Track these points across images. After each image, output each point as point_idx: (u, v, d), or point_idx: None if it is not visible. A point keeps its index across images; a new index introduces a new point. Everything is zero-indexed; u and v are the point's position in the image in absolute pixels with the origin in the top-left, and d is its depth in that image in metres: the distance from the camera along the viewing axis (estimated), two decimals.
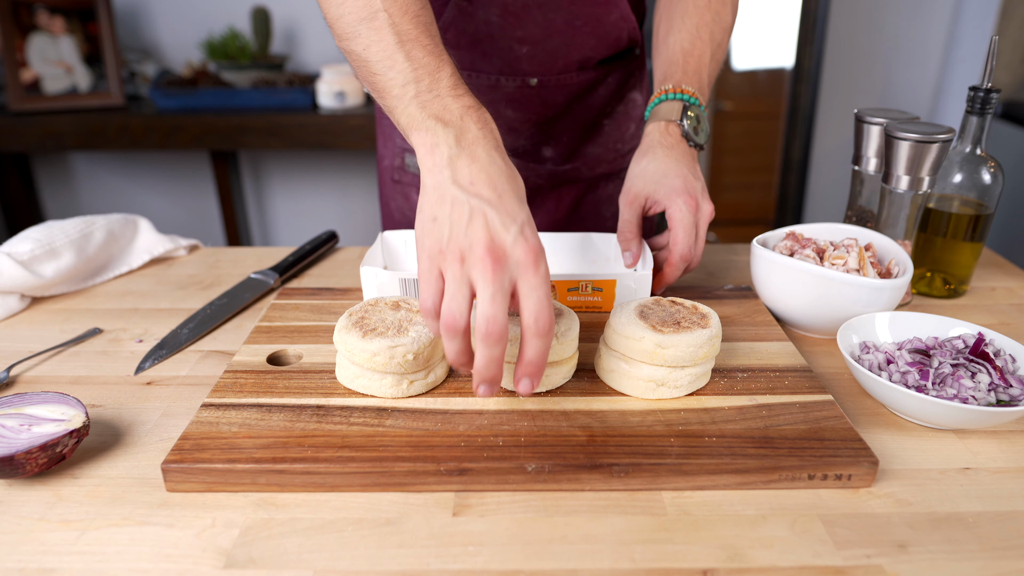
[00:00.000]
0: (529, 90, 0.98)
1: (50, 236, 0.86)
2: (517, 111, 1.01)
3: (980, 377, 0.62)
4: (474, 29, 0.94)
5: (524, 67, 0.96)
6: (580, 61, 0.97)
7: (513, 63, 0.96)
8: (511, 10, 0.91)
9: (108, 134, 2.15)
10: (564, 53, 0.95)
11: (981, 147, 0.83)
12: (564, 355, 0.63)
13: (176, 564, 0.48)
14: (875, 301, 0.72)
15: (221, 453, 0.54)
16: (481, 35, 0.94)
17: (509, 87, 0.98)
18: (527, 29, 0.93)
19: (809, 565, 0.48)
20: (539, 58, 0.95)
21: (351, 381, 0.63)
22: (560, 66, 0.97)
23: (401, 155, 1.10)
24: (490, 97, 1.00)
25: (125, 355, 0.74)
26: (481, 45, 0.95)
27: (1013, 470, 0.57)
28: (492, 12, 0.92)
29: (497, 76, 0.98)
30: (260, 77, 2.26)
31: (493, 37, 0.94)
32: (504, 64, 0.96)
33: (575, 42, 0.95)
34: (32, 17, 2.14)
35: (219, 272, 0.95)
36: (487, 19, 0.92)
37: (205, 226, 2.74)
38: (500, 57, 0.96)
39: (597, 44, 0.96)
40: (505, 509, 0.53)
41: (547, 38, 0.93)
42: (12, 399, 0.58)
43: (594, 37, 0.95)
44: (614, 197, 1.11)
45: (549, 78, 0.97)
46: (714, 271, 0.96)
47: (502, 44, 0.94)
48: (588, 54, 0.96)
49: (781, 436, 0.57)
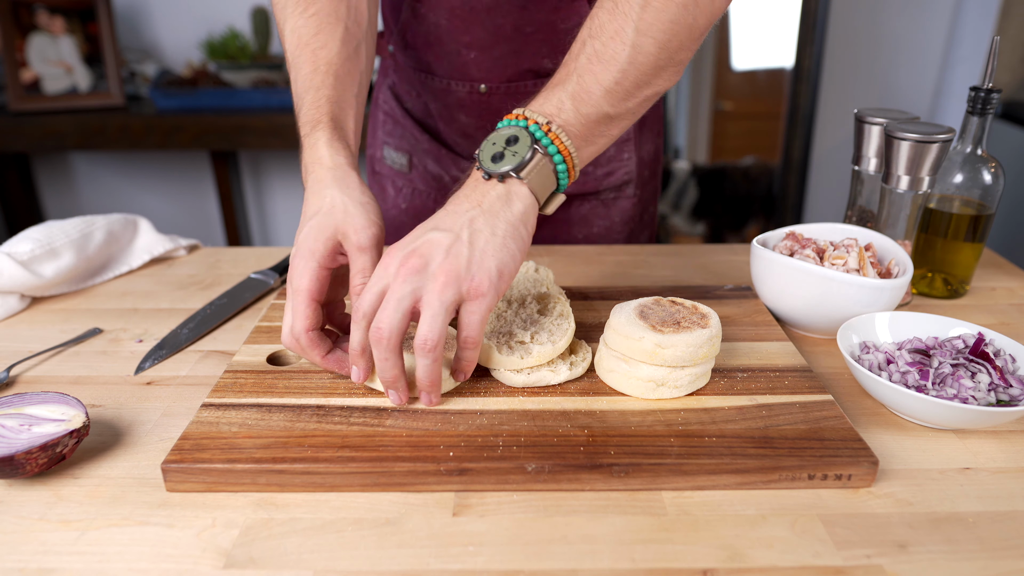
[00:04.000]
0: (479, 96, 0.94)
1: (50, 236, 0.86)
2: (469, 117, 0.98)
3: (980, 377, 0.62)
4: (425, 31, 0.92)
5: (473, 73, 0.93)
6: (532, 70, 0.92)
7: (462, 68, 0.93)
8: (457, 13, 0.88)
9: (108, 134, 2.15)
10: (512, 60, 0.91)
11: (982, 147, 0.83)
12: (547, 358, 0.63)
13: (176, 564, 0.48)
14: (875, 301, 0.72)
15: (221, 453, 0.54)
16: (431, 38, 0.92)
17: (460, 92, 0.95)
18: (473, 34, 0.89)
19: (809, 565, 0.48)
20: (486, 64, 0.91)
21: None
22: (509, 74, 0.92)
23: (381, 147, 1.10)
24: (444, 101, 0.98)
25: (125, 355, 0.74)
26: (433, 48, 0.93)
27: (1013, 470, 0.57)
28: (440, 15, 0.89)
29: (448, 80, 0.95)
30: (260, 77, 2.26)
31: (442, 41, 0.91)
32: (453, 68, 0.93)
33: (525, 49, 0.90)
34: (32, 17, 2.14)
35: (219, 272, 0.95)
36: (436, 22, 0.90)
37: (205, 226, 2.74)
38: (450, 62, 0.93)
39: (550, 52, 0.91)
40: (505, 509, 0.53)
41: (494, 44, 0.89)
42: (12, 399, 0.58)
43: (546, 45, 0.90)
44: (589, 217, 1.07)
45: (498, 85, 0.93)
46: (714, 271, 0.96)
47: (450, 48, 0.91)
48: (539, 63, 0.92)
49: (781, 436, 0.57)
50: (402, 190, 1.09)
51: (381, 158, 1.11)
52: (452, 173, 1.05)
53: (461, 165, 1.04)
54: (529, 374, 0.63)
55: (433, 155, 1.04)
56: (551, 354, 0.63)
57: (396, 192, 1.10)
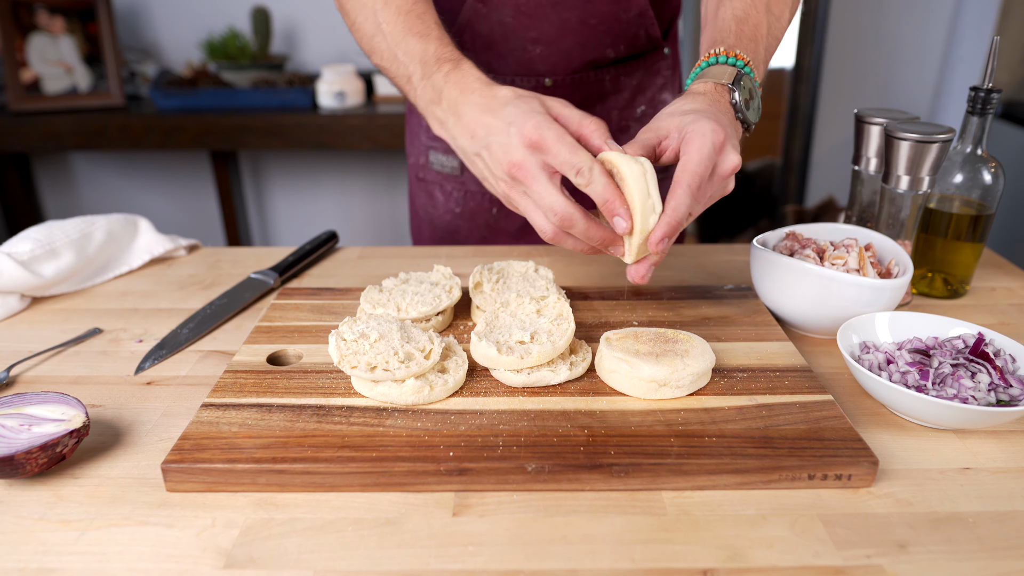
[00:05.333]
0: (545, 91, 0.97)
1: (50, 236, 0.86)
2: None
3: (980, 377, 0.62)
4: (488, 31, 0.94)
5: (538, 67, 0.96)
6: (595, 60, 0.96)
7: (527, 64, 0.96)
8: (524, 10, 0.91)
9: (108, 134, 2.15)
10: (578, 53, 0.95)
11: (982, 147, 0.83)
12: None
13: (176, 564, 0.48)
14: (875, 301, 0.72)
15: (221, 453, 0.54)
16: (495, 36, 0.94)
17: (524, 87, 0.97)
18: (540, 29, 0.92)
19: (809, 565, 0.48)
20: (553, 58, 0.95)
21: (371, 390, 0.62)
22: (575, 66, 0.96)
23: (425, 152, 1.10)
24: None
25: (125, 355, 0.74)
26: (496, 47, 0.95)
27: (1013, 470, 0.57)
28: (506, 13, 0.92)
29: (512, 77, 0.98)
30: (260, 77, 2.26)
31: (507, 38, 0.94)
32: (518, 65, 0.96)
33: (589, 41, 0.94)
34: (32, 17, 2.14)
35: (219, 272, 0.95)
36: (501, 20, 0.93)
37: (205, 226, 2.74)
38: (514, 58, 0.96)
39: (613, 43, 0.95)
40: (505, 509, 0.53)
41: (561, 38, 0.93)
42: (12, 399, 0.58)
43: (609, 36, 0.94)
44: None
45: (564, 78, 0.97)
46: (714, 271, 0.96)
47: (516, 45, 0.94)
48: (603, 53, 0.96)
49: (781, 436, 0.57)
50: (452, 194, 1.09)
51: (427, 164, 1.10)
52: None
53: None
54: (529, 374, 0.63)
55: None
56: (551, 354, 0.63)
57: (446, 197, 1.10)
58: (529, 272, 0.81)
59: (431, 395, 0.61)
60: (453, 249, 1.02)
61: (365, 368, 0.61)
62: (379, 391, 0.61)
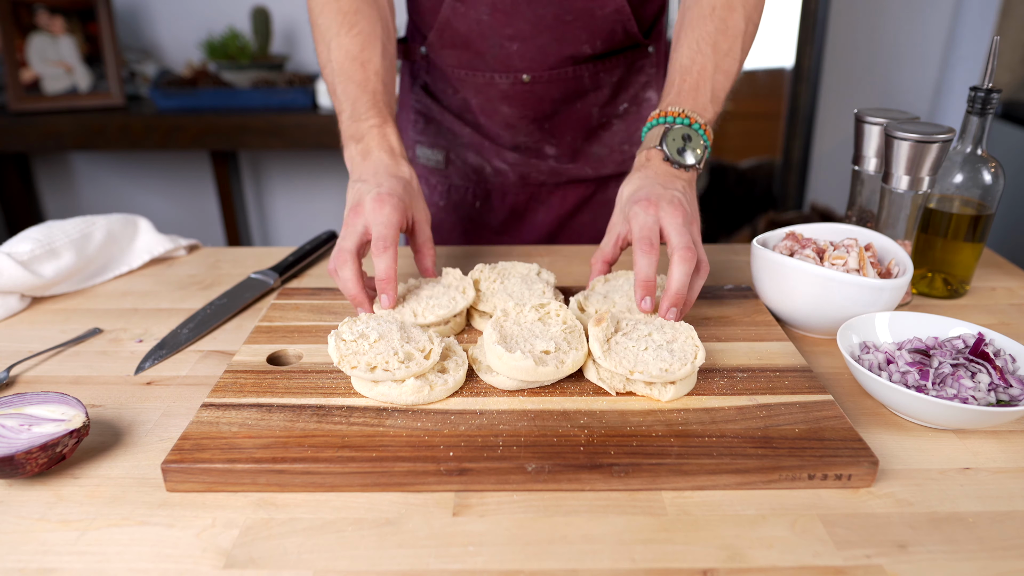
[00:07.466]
0: (523, 86, 0.99)
1: (50, 236, 0.86)
2: (513, 107, 1.01)
3: (980, 377, 0.62)
4: (467, 28, 0.95)
5: (516, 63, 0.97)
6: (572, 56, 0.97)
7: (505, 60, 0.97)
8: (500, 7, 0.92)
9: (108, 134, 2.15)
10: (554, 48, 0.96)
11: (982, 147, 0.83)
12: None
13: (176, 564, 0.48)
14: (875, 301, 0.72)
15: (221, 453, 0.54)
16: (473, 34, 0.95)
17: (503, 84, 0.99)
18: (516, 26, 0.94)
19: (809, 565, 0.48)
20: (530, 54, 0.96)
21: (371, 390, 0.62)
22: (551, 62, 0.97)
23: (413, 147, 1.12)
24: (486, 94, 1.01)
25: (125, 355, 0.74)
26: (474, 44, 0.96)
27: (1013, 470, 0.57)
28: (483, 10, 0.93)
29: (491, 74, 0.99)
30: (260, 77, 2.26)
31: (484, 35, 0.95)
32: (497, 61, 0.97)
33: (566, 37, 0.95)
34: (32, 17, 2.14)
35: (219, 272, 0.95)
36: (478, 18, 0.94)
37: (205, 226, 2.74)
38: (492, 55, 0.97)
39: (589, 39, 0.96)
40: (505, 509, 0.53)
41: (537, 34, 0.94)
42: (12, 399, 0.58)
43: (585, 31, 0.95)
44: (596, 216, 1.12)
45: (541, 73, 0.98)
46: (714, 271, 0.96)
47: (493, 42, 0.95)
48: (579, 49, 0.97)
49: (781, 436, 0.57)
50: (437, 187, 1.13)
51: (414, 158, 1.13)
52: (495, 164, 1.08)
53: (503, 155, 1.07)
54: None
55: (475, 147, 1.07)
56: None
57: (431, 190, 1.13)
58: (531, 275, 0.80)
59: (431, 395, 0.61)
60: (453, 249, 1.02)
61: (365, 368, 0.61)
62: (379, 391, 0.61)
